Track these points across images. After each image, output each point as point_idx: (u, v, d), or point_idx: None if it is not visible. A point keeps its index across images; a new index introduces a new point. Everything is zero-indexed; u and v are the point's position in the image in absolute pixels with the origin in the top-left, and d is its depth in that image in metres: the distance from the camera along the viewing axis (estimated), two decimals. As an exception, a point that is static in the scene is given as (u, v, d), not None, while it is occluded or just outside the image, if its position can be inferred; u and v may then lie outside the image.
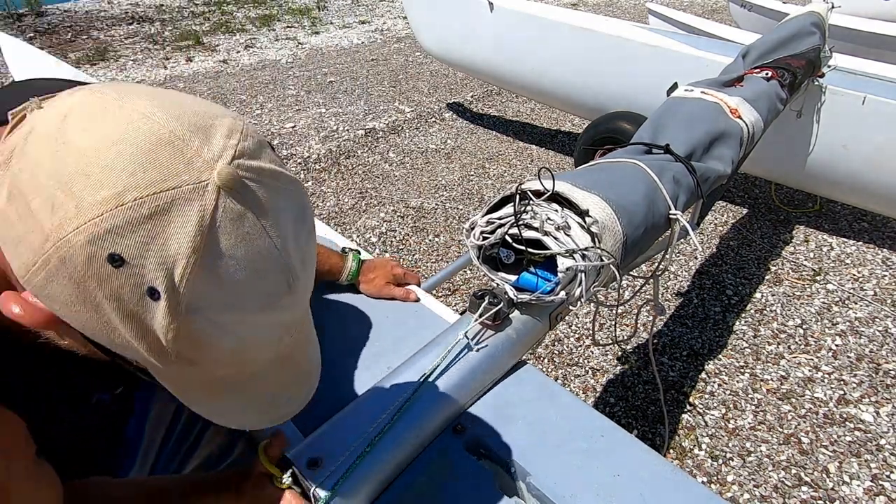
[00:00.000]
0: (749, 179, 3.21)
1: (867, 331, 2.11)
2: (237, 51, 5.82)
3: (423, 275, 2.49)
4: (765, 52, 1.88)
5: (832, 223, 2.81)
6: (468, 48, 3.38)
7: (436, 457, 0.66)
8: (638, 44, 2.65)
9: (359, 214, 2.93)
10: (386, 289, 0.96)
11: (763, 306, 2.25)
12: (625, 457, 0.66)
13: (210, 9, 7.53)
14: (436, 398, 0.69)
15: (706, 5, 8.00)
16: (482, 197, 3.08)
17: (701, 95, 1.41)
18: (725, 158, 1.25)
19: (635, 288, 1.84)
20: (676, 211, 0.99)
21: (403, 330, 0.89)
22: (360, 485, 0.60)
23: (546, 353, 2.06)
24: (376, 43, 6.17)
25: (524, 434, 0.69)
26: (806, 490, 1.56)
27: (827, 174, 2.40)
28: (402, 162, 3.49)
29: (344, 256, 0.97)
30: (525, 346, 0.81)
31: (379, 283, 0.96)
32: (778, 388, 1.88)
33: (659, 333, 2.12)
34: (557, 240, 0.75)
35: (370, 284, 0.97)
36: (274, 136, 3.81)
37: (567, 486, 0.62)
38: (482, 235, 0.81)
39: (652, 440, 1.71)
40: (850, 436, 1.71)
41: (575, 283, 0.76)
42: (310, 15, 7.41)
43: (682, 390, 1.88)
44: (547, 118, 4.15)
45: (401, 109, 4.26)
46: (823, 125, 2.28)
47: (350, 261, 0.96)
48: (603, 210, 0.82)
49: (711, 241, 2.69)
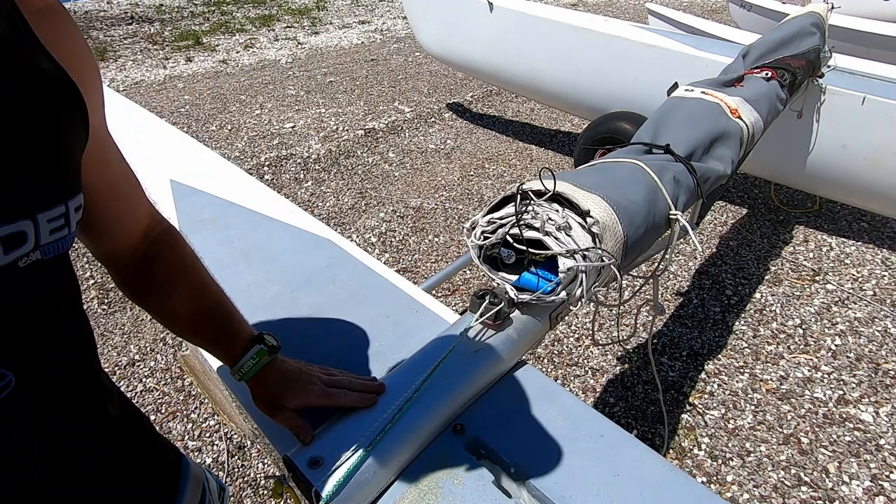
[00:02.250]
0: (749, 179, 3.21)
1: (867, 331, 2.11)
2: (237, 51, 5.82)
3: (422, 275, 2.49)
4: (765, 53, 1.88)
5: (832, 223, 2.81)
6: (468, 48, 3.39)
7: (436, 457, 0.66)
8: (638, 44, 2.65)
9: (358, 214, 2.93)
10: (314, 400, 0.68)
11: (762, 306, 2.25)
12: (624, 457, 0.66)
13: (210, 9, 7.53)
14: (436, 398, 0.69)
15: (706, 5, 8.00)
16: (482, 197, 3.08)
17: (701, 95, 1.41)
18: (725, 158, 1.25)
19: (635, 288, 1.84)
20: (677, 211, 0.99)
21: (403, 330, 0.89)
22: (360, 485, 0.60)
23: (546, 353, 2.06)
24: (376, 43, 6.17)
25: (524, 434, 0.69)
26: (805, 490, 1.56)
27: (826, 174, 2.40)
28: (402, 162, 3.49)
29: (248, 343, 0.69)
30: (525, 346, 0.81)
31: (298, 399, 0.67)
32: (777, 388, 1.88)
33: (658, 333, 2.12)
34: (558, 240, 0.75)
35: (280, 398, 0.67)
36: (274, 136, 3.81)
37: (567, 486, 0.62)
38: (483, 235, 0.81)
39: (652, 440, 1.71)
40: (850, 436, 1.71)
41: (576, 283, 0.76)
42: (309, 15, 7.41)
43: (682, 390, 1.88)
44: (546, 118, 4.16)
45: (400, 109, 4.26)
46: (823, 125, 2.28)
47: (249, 355, 0.67)
48: (604, 210, 0.82)
49: (711, 241, 2.69)
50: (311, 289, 1.00)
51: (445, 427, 0.69)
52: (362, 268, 1.06)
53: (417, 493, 0.62)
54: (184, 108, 4.29)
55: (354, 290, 0.99)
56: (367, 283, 1.01)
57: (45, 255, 0.44)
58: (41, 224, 0.43)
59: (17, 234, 0.41)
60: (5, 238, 0.40)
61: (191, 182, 1.31)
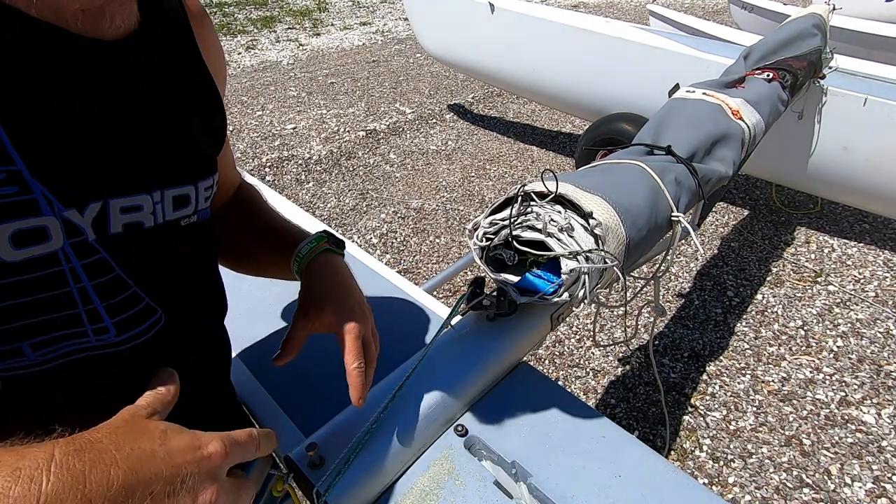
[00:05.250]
0: (750, 181, 3.21)
1: (868, 332, 2.10)
2: (238, 52, 5.83)
3: (424, 276, 2.49)
4: (766, 54, 1.88)
5: (833, 224, 2.81)
6: (469, 50, 3.39)
7: (436, 457, 0.66)
8: (639, 45, 2.65)
9: (360, 216, 2.93)
10: (329, 324, 0.59)
11: (764, 308, 2.25)
12: (626, 458, 0.66)
13: (211, 10, 7.54)
14: (436, 398, 0.69)
15: (707, 7, 8.00)
16: (483, 198, 3.08)
17: (702, 97, 1.41)
18: (727, 160, 1.25)
19: (636, 289, 1.83)
20: (678, 213, 0.99)
21: (404, 330, 0.89)
22: (361, 484, 0.60)
23: (547, 354, 2.06)
24: (377, 44, 6.18)
25: (525, 435, 0.69)
26: (807, 492, 1.55)
27: (828, 175, 2.40)
28: (403, 163, 3.49)
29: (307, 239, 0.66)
30: (526, 347, 0.81)
31: (328, 316, 0.59)
32: (779, 389, 1.88)
33: (660, 335, 2.12)
34: (561, 241, 0.75)
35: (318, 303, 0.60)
36: (275, 138, 3.82)
37: (568, 487, 0.62)
38: (485, 236, 0.81)
39: (653, 442, 1.71)
40: (852, 437, 1.70)
41: (578, 284, 0.76)
42: (311, 16, 7.43)
43: (684, 392, 1.88)
44: (548, 119, 4.16)
45: (402, 111, 4.27)
46: (824, 126, 2.28)
47: (309, 239, 0.66)
48: (607, 212, 0.82)
49: (712, 243, 2.69)
50: (312, 290, 1.00)
51: (446, 427, 0.70)
52: (363, 269, 1.06)
53: (418, 492, 0.62)
54: (185, 110, 4.30)
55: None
56: (368, 284, 1.01)
57: (200, 219, 0.55)
58: (200, 191, 0.54)
59: (184, 196, 0.51)
60: (177, 198, 0.50)
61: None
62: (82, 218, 0.42)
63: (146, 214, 0.48)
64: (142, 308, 0.49)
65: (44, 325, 0.42)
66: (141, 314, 0.49)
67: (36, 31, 0.40)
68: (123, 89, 0.46)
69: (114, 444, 0.35)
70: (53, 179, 0.40)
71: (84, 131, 0.43)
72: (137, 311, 0.49)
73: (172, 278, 0.53)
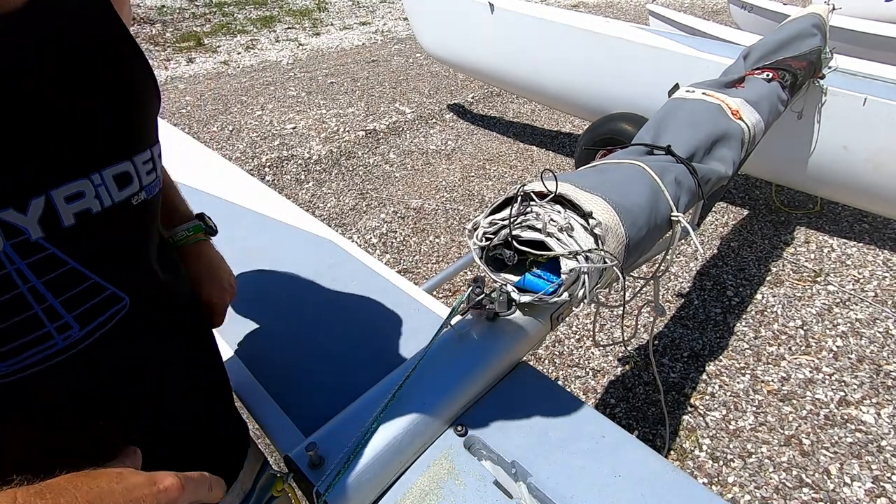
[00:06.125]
0: (750, 181, 3.21)
1: (868, 332, 2.10)
2: (238, 52, 5.83)
3: (423, 276, 2.50)
4: (766, 54, 1.88)
5: (833, 224, 2.81)
6: (469, 49, 3.39)
7: (436, 457, 0.66)
8: (639, 45, 2.65)
9: (359, 215, 2.93)
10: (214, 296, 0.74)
11: (764, 307, 2.25)
12: (626, 458, 0.66)
13: (211, 10, 7.54)
14: (436, 398, 0.69)
15: (706, 7, 8.00)
16: (483, 198, 3.08)
17: (702, 97, 1.41)
18: (726, 160, 1.25)
19: (636, 289, 1.84)
20: (678, 212, 0.99)
21: (403, 330, 0.89)
22: (361, 484, 0.60)
23: (547, 354, 2.06)
24: (377, 44, 6.18)
25: (525, 435, 0.69)
26: (807, 491, 1.55)
27: (827, 175, 2.40)
28: (403, 163, 3.49)
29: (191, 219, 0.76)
30: (526, 347, 0.81)
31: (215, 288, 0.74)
32: (779, 389, 1.88)
33: (659, 335, 2.12)
34: (560, 241, 0.75)
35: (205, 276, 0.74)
36: (275, 137, 3.82)
37: (568, 486, 0.62)
38: (485, 236, 0.82)
39: (653, 441, 1.71)
40: (852, 437, 1.71)
41: (578, 284, 0.76)
42: (310, 16, 7.42)
43: (683, 391, 1.88)
44: (547, 119, 4.16)
45: (401, 111, 4.27)
46: (824, 126, 2.28)
47: (186, 225, 0.74)
48: (606, 212, 0.82)
49: (712, 243, 2.69)
50: (312, 289, 1.00)
51: (446, 427, 0.70)
52: (363, 269, 1.06)
53: (418, 492, 0.62)
54: (185, 109, 4.30)
55: (355, 290, 0.99)
56: (368, 284, 1.01)
57: (148, 195, 0.52)
58: (139, 166, 0.51)
59: (124, 174, 0.49)
60: (117, 176, 0.48)
61: (192, 183, 1.31)
62: (25, 217, 0.41)
63: (90, 199, 0.45)
64: (105, 297, 0.48)
65: (4, 334, 0.42)
66: (104, 304, 0.48)
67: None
68: (26, 68, 0.41)
69: (72, 484, 0.37)
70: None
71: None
72: (99, 300, 0.48)
73: (134, 261, 0.52)
